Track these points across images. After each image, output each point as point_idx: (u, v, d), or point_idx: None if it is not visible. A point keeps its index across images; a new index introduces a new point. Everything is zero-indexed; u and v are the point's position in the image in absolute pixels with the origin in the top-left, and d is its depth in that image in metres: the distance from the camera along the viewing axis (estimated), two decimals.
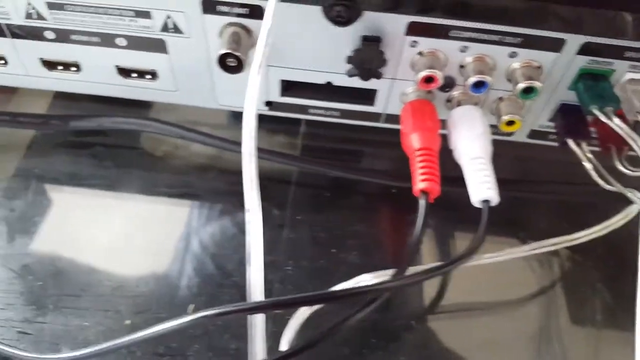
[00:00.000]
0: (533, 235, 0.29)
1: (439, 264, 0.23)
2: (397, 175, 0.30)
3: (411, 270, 0.24)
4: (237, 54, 0.26)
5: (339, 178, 0.32)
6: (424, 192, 0.25)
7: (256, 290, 0.21)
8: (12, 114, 0.30)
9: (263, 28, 0.24)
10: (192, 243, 0.29)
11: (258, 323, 0.21)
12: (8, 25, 0.29)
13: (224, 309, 0.20)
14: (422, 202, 0.25)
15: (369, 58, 0.27)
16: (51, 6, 0.27)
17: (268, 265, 0.22)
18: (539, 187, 0.32)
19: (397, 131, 0.29)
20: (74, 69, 0.31)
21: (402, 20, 0.26)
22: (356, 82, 0.29)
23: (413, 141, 0.27)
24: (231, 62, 0.26)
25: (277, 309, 0.23)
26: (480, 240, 0.24)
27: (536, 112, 0.30)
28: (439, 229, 0.30)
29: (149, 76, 0.31)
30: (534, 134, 0.31)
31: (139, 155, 0.33)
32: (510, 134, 0.31)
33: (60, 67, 0.31)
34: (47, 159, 0.31)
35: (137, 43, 0.29)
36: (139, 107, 0.34)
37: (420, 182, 0.26)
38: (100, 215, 0.30)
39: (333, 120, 0.31)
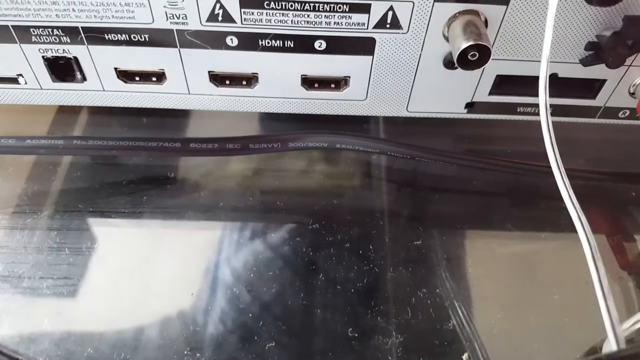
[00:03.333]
0: None
1: None
2: None
3: None
4: (484, 44, 0.22)
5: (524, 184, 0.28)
6: None
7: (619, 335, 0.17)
8: (182, 140, 0.25)
9: (550, 11, 0.20)
10: None
11: None
12: (180, 32, 0.24)
13: None
14: None
15: (624, 42, 0.23)
16: (246, 4, 0.23)
17: None
18: None
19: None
20: (244, 83, 0.26)
21: None
22: (583, 73, 0.26)
23: None
24: (473, 56, 0.23)
25: None
26: None
27: None
28: None
29: (333, 85, 0.27)
30: None
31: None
32: None
33: (227, 82, 0.26)
34: None
35: (338, 45, 0.24)
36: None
37: None
38: None
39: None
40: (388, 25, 0.24)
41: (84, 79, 0.26)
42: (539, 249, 0.25)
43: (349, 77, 0.26)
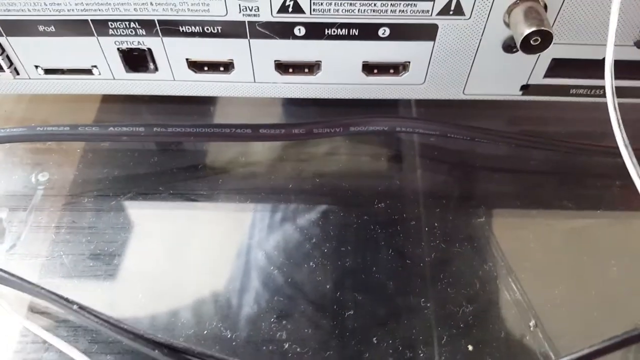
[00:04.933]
0: None
1: None
2: None
3: None
4: (546, 29, 0.23)
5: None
6: None
7: None
8: (252, 126, 0.26)
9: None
10: None
11: None
12: (251, 24, 0.25)
13: None
14: None
15: None
16: None
17: None
18: None
19: None
20: (307, 70, 0.28)
21: None
22: (637, 55, 0.26)
23: None
24: (535, 41, 0.24)
25: None
26: None
27: None
28: None
29: (392, 70, 0.28)
30: None
31: None
32: None
33: (291, 70, 0.28)
34: None
35: (401, 32, 0.25)
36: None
37: None
38: None
39: (595, 100, 0.29)
40: (451, 12, 0.25)
41: (156, 69, 0.27)
42: (595, 225, 0.26)
43: (409, 62, 0.27)
